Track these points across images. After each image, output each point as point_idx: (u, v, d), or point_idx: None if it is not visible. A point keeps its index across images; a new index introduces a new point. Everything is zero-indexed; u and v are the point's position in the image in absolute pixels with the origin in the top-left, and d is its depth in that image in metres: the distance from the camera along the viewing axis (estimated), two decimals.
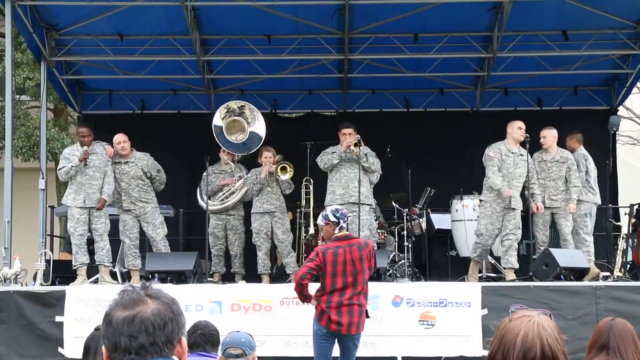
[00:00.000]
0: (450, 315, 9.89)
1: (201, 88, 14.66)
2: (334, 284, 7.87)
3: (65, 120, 19.60)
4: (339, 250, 7.91)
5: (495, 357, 2.55)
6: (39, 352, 10.10)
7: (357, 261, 7.90)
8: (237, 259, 11.85)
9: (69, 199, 11.14)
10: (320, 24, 12.96)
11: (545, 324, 2.55)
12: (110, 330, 2.20)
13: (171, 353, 2.23)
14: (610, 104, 14.91)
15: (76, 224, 11.04)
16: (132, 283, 2.35)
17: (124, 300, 2.23)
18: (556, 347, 2.53)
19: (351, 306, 7.89)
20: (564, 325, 9.57)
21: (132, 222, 11.37)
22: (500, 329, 2.57)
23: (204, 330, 5.67)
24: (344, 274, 7.87)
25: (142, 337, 2.18)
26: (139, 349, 2.18)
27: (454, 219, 12.44)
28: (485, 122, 14.16)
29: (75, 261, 11.04)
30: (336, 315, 7.86)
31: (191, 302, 10.03)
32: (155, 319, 2.20)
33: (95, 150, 11.19)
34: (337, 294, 7.88)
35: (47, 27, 12.82)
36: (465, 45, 13.35)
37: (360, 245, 8.01)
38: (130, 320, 2.19)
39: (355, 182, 11.06)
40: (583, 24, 12.90)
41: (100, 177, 11.11)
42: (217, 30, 13.23)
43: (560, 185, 11.35)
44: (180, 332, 2.25)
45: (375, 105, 15.06)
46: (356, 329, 7.95)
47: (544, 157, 11.44)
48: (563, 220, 11.30)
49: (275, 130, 13.16)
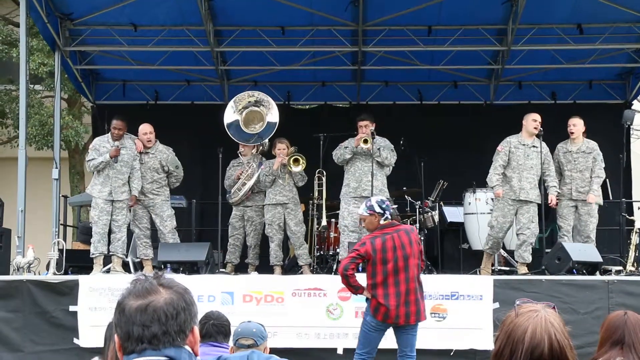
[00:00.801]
0: (462, 308, 9.89)
1: (215, 79, 14.67)
2: (386, 271, 7.75)
3: (79, 110, 19.65)
4: (387, 237, 7.82)
5: (503, 352, 2.54)
6: (52, 340, 10.16)
7: (407, 245, 7.81)
8: (251, 250, 11.87)
9: (94, 190, 11.13)
10: (334, 15, 12.95)
11: (552, 318, 2.54)
12: (123, 319, 2.21)
13: (183, 342, 2.23)
14: (625, 98, 14.85)
15: (100, 213, 11.04)
16: (145, 272, 2.35)
17: (136, 290, 2.23)
18: (564, 341, 2.52)
19: (408, 295, 7.78)
20: (575, 319, 9.57)
21: (141, 212, 11.40)
22: (507, 324, 2.56)
23: (216, 320, 5.68)
24: (394, 260, 7.76)
25: (155, 326, 2.18)
26: (152, 338, 2.18)
27: (467, 212, 12.43)
28: (499, 115, 14.12)
29: (95, 249, 11.01)
30: (395, 308, 7.75)
31: (203, 293, 10.07)
32: (168, 308, 2.20)
33: (125, 144, 11.16)
34: (392, 284, 7.76)
35: (61, 16, 12.85)
36: (480, 38, 13.30)
37: (407, 230, 7.95)
38: (143, 310, 2.19)
39: (369, 176, 11.09)
40: (598, 17, 12.84)
41: (127, 172, 11.11)
42: (231, 21, 13.24)
43: (587, 177, 11.25)
44: (193, 322, 2.26)
45: (389, 97, 15.04)
46: (415, 318, 7.85)
47: (570, 148, 11.33)
48: (587, 216, 11.23)
49: (289, 121, 13.18)
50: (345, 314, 9.98)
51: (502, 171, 11.10)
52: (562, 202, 11.29)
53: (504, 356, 2.54)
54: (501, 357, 2.55)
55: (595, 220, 11.30)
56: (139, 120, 11.79)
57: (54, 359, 10.10)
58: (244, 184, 11.74)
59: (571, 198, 11.23)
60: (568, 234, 11.22)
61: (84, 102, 18.81)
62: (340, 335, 9.96)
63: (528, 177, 11.02)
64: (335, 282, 10.15)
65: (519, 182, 11.00)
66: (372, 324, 7.88)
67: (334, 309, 10.02)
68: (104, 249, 11.04)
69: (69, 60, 13.55)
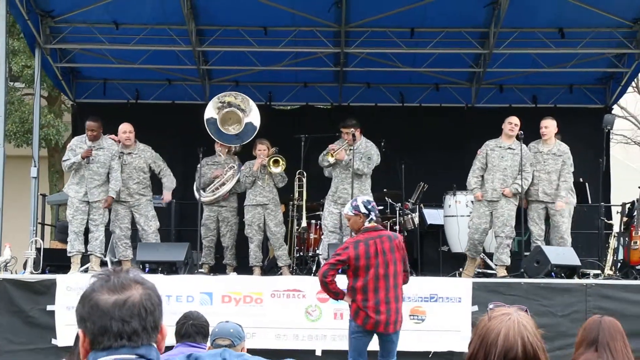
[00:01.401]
0: (441, 311, 9.91)
1: (196, 79, 14.63)
2: (367, 277, 7.70)
3: (59, 108, 19.57)
4: (369, 242, 7.76)
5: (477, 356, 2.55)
6: (29, 339, 10.11)
7: (388, 252, 7.74)
8: (228, 251, 11.85)
9: (70, 190, 11.09)
10: (317, 16, 12.94)
11: (525, 321, 2.56)
12: (97, 313, 2.16)
13: (156, 338, 2.21)
14: (605, 103, 14.92)
15: (75, 212, 11.01)
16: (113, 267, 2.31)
17: (111, 284, 2.19)
18: (537, 344, 2.54)
19: (388, 303, 7.74)
20: (553, 322, 9.62)
21: (123, 212, 11.35)
22: (480, 328, 2.57)
23: (195, 321, 5.67)
24: (376, 266, 7.71)
25: (135, 321, 2.16)
26: (132, 333, 2.16)
27: (447, 214, 12.45)
28: (480, 118, 14.16)
29: (71, 247, 10.97)
30: (373, 312, 7.70)
31: (182, 293, 10.05)
32: (146, 303, 2.18)
33: (102, 145, 11.10)
34: (372, 291, 7.71)
35: (42, 14, 12.77)
36: (462, 41, 13.33)
37: (390, 237, 7.88)
38: (122, 304, 2.16)
39: (344, 184, 11.21)
40: (579, 22, 12.90)
41: (103, 173, 11.04)
42: (213, 21, 13.21)
43: (554, 179, 11.20)
44: (162, 318, 2.24)
45: (371, 99, 15.05)
46: (394, 327, 7.81)
47: (540, 149, 11.31)
48: (559, 217, 11.19)
49: (270, 122, 13.14)
50: (324, 316, 9.97)
51: (481, 174, 11.17)
52: (531, 205, 11.31)
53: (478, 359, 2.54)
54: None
55: (567, 220, 11.28)
56: (119, 119, 11.74)
57: (30, 358, 10.03)
58: (223, 184, 11.71)
59: (537, 199, 11.24)
60: (540, 238, 11.22)
61: (64, 100, 18.73)
62: (318, 337, 9.96)
63: (500, 178, 11.07)
64: (315, 284, 10.14)
65: (491, 183, 11.07)
66: (354, 329, 7.85)
67: (313, 310, 10.01)
68: (81, 247, 10.99)
69: (49, 58, 13.47)
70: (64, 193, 14.01)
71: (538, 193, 11.22)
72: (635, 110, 23.37)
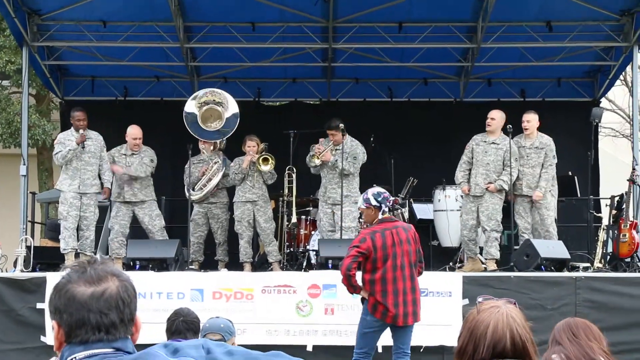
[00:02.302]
0: (431, 305, 9.90)
1: (184, 75, 14.61)
2: (385, 268, 7.67)
3: (47, 107, 19.51)
4: (386, 232, 7.74)
5: (466, 349, 2.56)
6: (19, 338, 10.09)
7: (405, 242, 7.73)
8: (220, 247, 11.86)
9: (64, 184, 11.08)
10: (305, 12, 12.94)
11: (514, 313, 2.57)
12: (74, 306, 2.14)
13: (131, 330, 2.21)
14: (593, 96, 14.96)
15: (69, 208, 10.98)
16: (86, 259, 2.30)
17: (88, 276, 2.17)
18: (525, 336, 2.56)
19: (406, 294, 7.71)
20: (543, 315, 9.64)
21: (125, 210, 11.39)
22: (470, 321, 2.59)
23: (186, 317, 5.67)
24: (393, 256, 7.67)
25: (113, 314, 2.15)
26: (110, 326, 2.14)
27: (436, 209, 12.47)
28: (469, 112, 14.18)
29: (66, 245, 10.94)
30: (393, 306, 7.66)
31: (173, 290, 10.05)
32: (123, 295, 2.17)
33: (90, 136, 11.17)
34: (390, 282, 7.67)
35: (29, 11, 12.72)
36: (450, 35, 13.35)
37: (405, 228, 7.88)
38: (99, 297, 2.14)
39: (332, 184, 11.29)
40: (567, 15, 12.93)
41: (95, 163, 11.10)
42: (201, 17, 13.19)
43: (538, 173, 11.23)
44: (136, 311, 2.23)
45: (359, 94, 15.06)
46: (413, 319, 7.79)
47: (523, 143, 11.33)
48: (544, 209, 11.24)
49: (259, 118, 13.16)
50: (314, 311, 9.98)
51: (468, 168, 11.24)
52: (517, 199, 11.35)
53: (467, 352, 2.56)
54: (464, 353, 2.57)
55: (552, 213, 11.33)
56: (108, 116, 11.74)
57: (21, 357, 10.01)
58: (210, 179, 11.71)
59: (522, 194, 11.29)
60: (527, 231, 11.25)
61: (52, 98, 18.67)
62: (309, 332, 9.97)
63: (483, 173, 11.14)
64: (305, 279, 10.18)
65: (475, 178, 11.14)
66: (369, 323, 7.81)
67: (304, 305, 10.02)
68: (75, 244, 10.97)
69: (37, 56, 13.43)
70: (54, 191, 14.01)
71: (522, 187, 11.26)
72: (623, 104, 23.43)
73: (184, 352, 2.18)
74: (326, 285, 10.00)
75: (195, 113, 11.51)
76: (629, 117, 21.68)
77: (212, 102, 11.55)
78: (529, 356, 2.56)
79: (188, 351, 2.19)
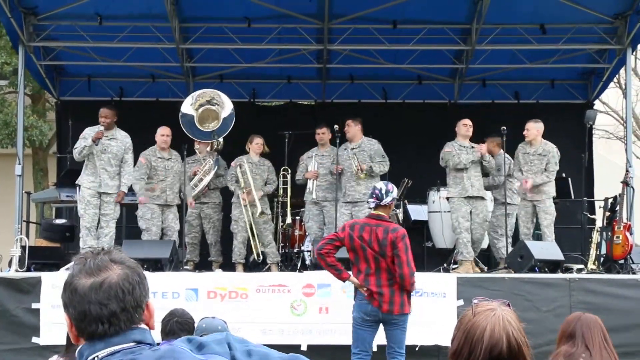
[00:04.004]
0: (426, 305, 9.94)
1: (180, 76, 14.63)
2: (366, 257, 7.65)
3: (43, 107, 19.50)
4: (366, 227, 7.70)
5: (462, 351, 2.56)
6: (13, 338, 10.04)
7: (375, 242, 7.62)
8: (213, 247, 11.88)
9: (84, 180, 10.95)
10: (300, 13, 12.97)
11: (509, 316, 2.58)
12: (76, 299, 2.14)
13: (141, 318, 2.17)
14: (587, 98, 15.00)
15: (86, 206, 10.87)
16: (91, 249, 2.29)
17: (87, 267, 2.16)
18: (521, 339, 2.56)
19: (391, 285, 7.62)
20: (537, 317, 9.67)
21: (159, 211, 11.38)
22: (465, 323, 2.58)
23: (180, 318, 5.69)
24: (371, 249, 7.63)
25: (113, 303, 2.12)
26: (111, 316, 2.12)
27: (431, 210, 12.50)
28: (463, 114, 14.14)
29: (84, 243, 10.80)
30: (377, 293, 7.62)
31: (167, 290, 10.05)
32: (124, 283, 2.14)
33: (115, 136, 11.04)
34: (373, 272, 7.65)
35: (25, 11, 12.72)
36: (444, 37, 13.39)
37: (387, 229, 7.68)
38: (98, 287, 2.12)
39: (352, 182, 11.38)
40: (560, 18, 12.98)
41: (116, 165, 10.96)
42: (197, 18, 13.20)
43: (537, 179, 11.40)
44: (147, 296, 2.20)
45: (354, 95, 15.08)
46: (399, 308, 7.66)
47: (528, 150, 11.53)
48: (543, 213, 11.40)
49: (254, 119, 13.17)
50: (309, 311, 10.00)
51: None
52: (521, 203, 11.49)
53: (463, 355, 2.56)
54: (459, 356, 2.57)
55: (551, 217, 11.41)
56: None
57: (14, 358, 9.98)
58: (201, 179, 11.73)
59: (525, 198, 11.42)
60: (525, 237, 11.37)
61: (48, 98, 18.66)
62: (304, 332, 9.99)
63: (476, 175, 11.48)
64: (299, 279, 10.20)
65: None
66: (358, 320, 7.82)
67: (298, 305, 10.04)
68: (93, 243, 10.88)
69: (33, 56, 13.43)
70: (49, 190, 14.01)
71: (526, 192, 11.36)
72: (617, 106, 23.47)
73: (210, 349, 2.17)
74: (320, 285, 10.02)
75: (192, 114, 11.53)
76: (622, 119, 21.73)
77: (210, 102, 11.57)
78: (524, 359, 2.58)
79: (213, 347, 2.17)
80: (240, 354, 2.18)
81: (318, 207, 11.60)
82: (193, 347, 2.16)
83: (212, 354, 2.15)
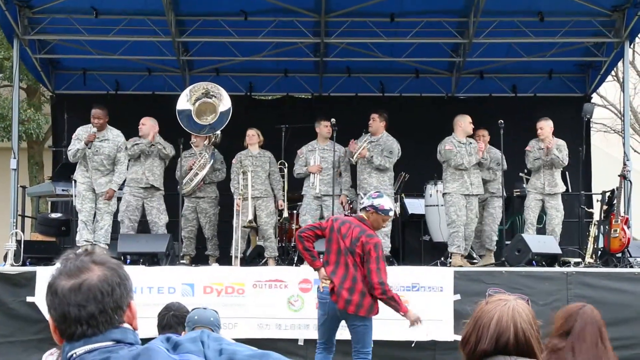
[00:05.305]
0: (423, 300, 9.92)
1: (176, 69, 14.58)
2: (339, 250, 7.67)
3: (38, 100, 19.44)
4: (346, 224, 7.75)
5: (470, 339, 2.55)
6: (9, 331, 10.07)
7: (348, 239, 7.63)
8: (209, 242, 11.85)
9: (78, 175, 11.00)
10: (297, 6, 12.92)
11: (520, 308, 2.55)
12: (56, 301, 2.13)
13: (121, 319, 2.16)
14: (585, 92, 14.98)
15: (83, 201, 10.89)
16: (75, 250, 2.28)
17: (67, 269, 2.15)
18: (530, 332, 2.53)
19: (355, 283, 7.62)
20: (535, 311, 9.61)
21: (135, 204, 11.39)
22: (477, 311, 2.58)
23: (177, 312, 5.67)
24: (343, 244, 7.65)
25: (91, 305, 2.11)
26: (89, 318, 2.11)
27: (428, 204, 12.48)
28: (460, 107, 14.14)
29: (80, 237, 10.85)
30: (338, 287, 7.63)
31: (164, 284, 10.03)
32: (103, 285, 2.13)
33: (107, 137, 11.02)
34: (342, 265, 7.66)
35: (20, 4, 12.66)
36: (441, 30, 13.35)
37: (362, 231, 7.68)
38: (77, 289, 2.11)
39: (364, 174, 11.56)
40: (558, 10, 12.93)
41: (109, 165, 10.96)
42: (193, 11, 13.15)
43: (553, 173, 11.56)
44: (129, 296, 2.18)
45: (351, 89, 15.05)
46: (355, 309, 7.63)
47: (542, 146, 11.61)
48: (554, 211, 11.46)
49: (250, 112, 13.12)
50: (306, 306, 9.98)
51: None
52: (530, 194, 11.52)
53: (470, 342, 2.55)
54: (468, 343, 2.56)
55: (561, 215, 11.51)
56: None
57: (10, 350, 9.99)
58: (196, 174, 11.69)
59: (536, 191, 11.52)
60: (532, 227, 11.40)
61: (43, 91, 18.60)
62: (301, 326, 9.97)
63: (475, 172, 11.58)
64: (296, 274, 10.17)
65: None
66: (319, 313, 7.92)
67: (295, 300, 10.02)
68: (89, 237, 10.88)
69: (28, 49, 13.38)
70: (45, 184, 13.97)
71: (544, 187, 11.53)
72: (614, 99, 23.45)
73: (184, 348, 2.17)
74: (317, 281, 9.97)
75: (189, 108, 11.50)
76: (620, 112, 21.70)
77: (207, 95, 11.54)
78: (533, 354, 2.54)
79: (188, 346, 2.18)
80: (211, 352, 2.18)
81: (318, 202, 11.55)
82: (170, 347, 2.16)
83: (186, 352, 2.15)
